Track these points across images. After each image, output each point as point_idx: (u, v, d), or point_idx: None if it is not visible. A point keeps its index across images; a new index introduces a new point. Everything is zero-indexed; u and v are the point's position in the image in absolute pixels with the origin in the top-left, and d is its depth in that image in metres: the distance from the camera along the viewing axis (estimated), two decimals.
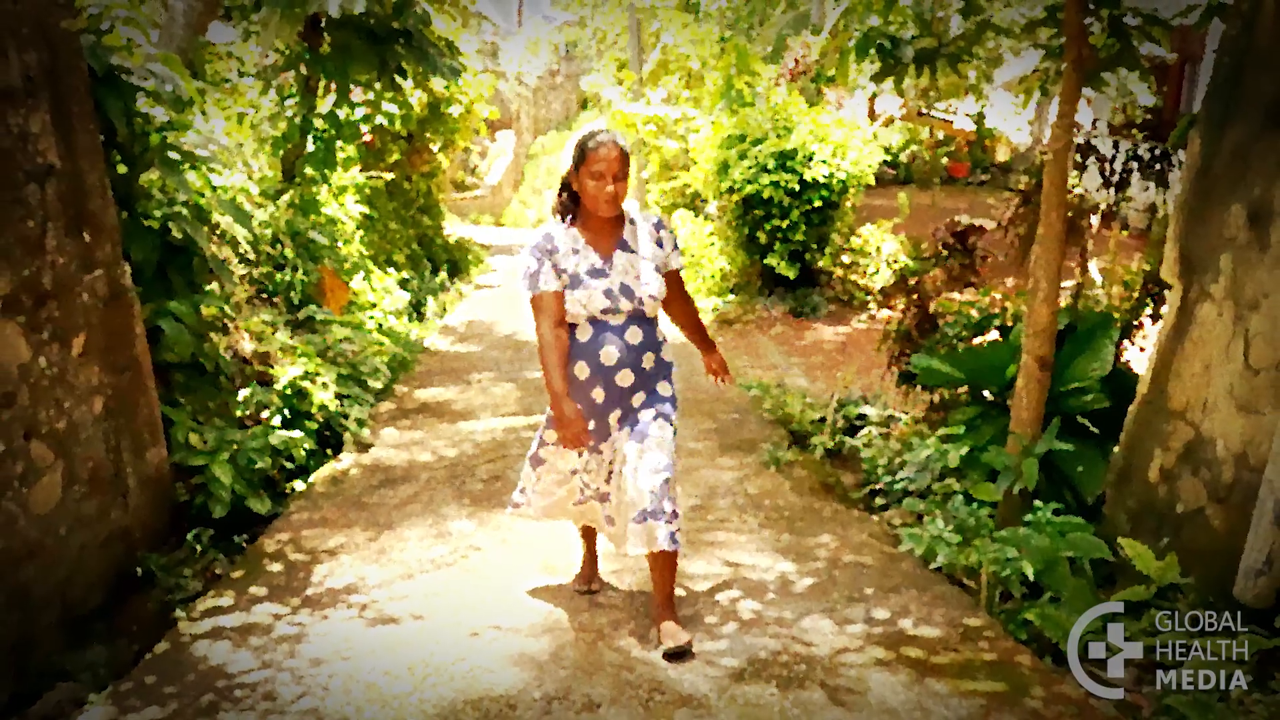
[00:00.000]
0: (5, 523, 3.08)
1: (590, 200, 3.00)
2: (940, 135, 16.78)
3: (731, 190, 9.27)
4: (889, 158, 14.65)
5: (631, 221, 3.14)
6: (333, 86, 7.13)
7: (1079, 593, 3.27)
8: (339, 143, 7.41)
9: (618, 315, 3.04)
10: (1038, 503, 3.55)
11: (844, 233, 9.84)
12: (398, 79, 7.30)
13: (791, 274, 9.33)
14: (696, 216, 11.51)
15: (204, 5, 6.73)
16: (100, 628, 3.46)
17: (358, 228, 8.23)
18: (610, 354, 3.03)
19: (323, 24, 6.94)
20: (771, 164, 8.94)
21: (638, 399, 3.13)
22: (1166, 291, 3.69)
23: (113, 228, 3.84)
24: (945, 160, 16.15)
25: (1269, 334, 2.95)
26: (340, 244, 7.45)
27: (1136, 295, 4.61)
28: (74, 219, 3.55)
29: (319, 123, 7.11)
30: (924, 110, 16.64)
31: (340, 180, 7.97)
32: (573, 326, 3.06)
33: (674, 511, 3.01)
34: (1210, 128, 3.33)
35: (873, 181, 9.71)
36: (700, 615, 3.34)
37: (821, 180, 8.90)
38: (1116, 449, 3.79)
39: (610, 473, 3.18)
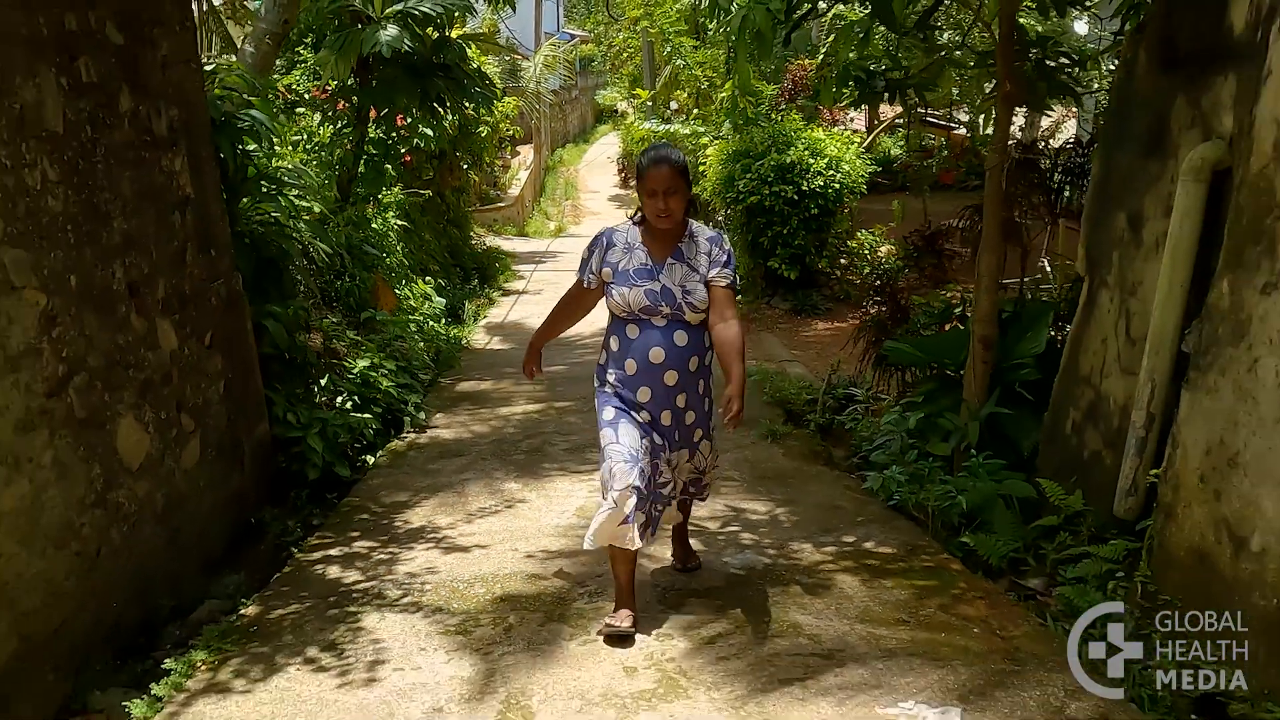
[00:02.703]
0: (167, 474, 3.99)
1: (648, 212, 3.34)
2: (936, 141, 17.56)
3: (737, 200, 10.16)
4: (881, 168, 15.45)
5: (691, 235, 3.40)
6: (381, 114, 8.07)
7: (1006, 522, 4.14)
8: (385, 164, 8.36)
9: (659, 317, 3.29)
10: (973, 453, 4.41)
11: (841, 236, 10.71)
12: (436, 107, 8.23)
13: (792, 276, 10.22)
14: (707, 225, 12.36)
15: (270, 47, 7.67)
16: (228, 571, 4.31)
17: (398, 240, 9.16)
18: (657, 354, 3.28)
19: (370, 60, 7.88)
20: (772, 177, 9.84)
21: (690, 417, 3.38)
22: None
23: (227, 245, 4.77)
24: (934, 169, 16.92)
25: (1142, 313, 3.78)
26: (386, 255, 8.38)
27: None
28: (203, 239, 4.47)
29: (369, 148, 8.05)
30: (924, 117, 17.39)
31: (385, 197, 8.91)
32: (624, 323, 3.36)
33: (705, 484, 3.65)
34: (1106, 152, 4.18)
35: (865, 190, 10.58)
36: (710, 544, 4.19)
37: (818, 190, 9.78)
38: (1046, 413, 4.63)
39: (658, 467, 3.36)
